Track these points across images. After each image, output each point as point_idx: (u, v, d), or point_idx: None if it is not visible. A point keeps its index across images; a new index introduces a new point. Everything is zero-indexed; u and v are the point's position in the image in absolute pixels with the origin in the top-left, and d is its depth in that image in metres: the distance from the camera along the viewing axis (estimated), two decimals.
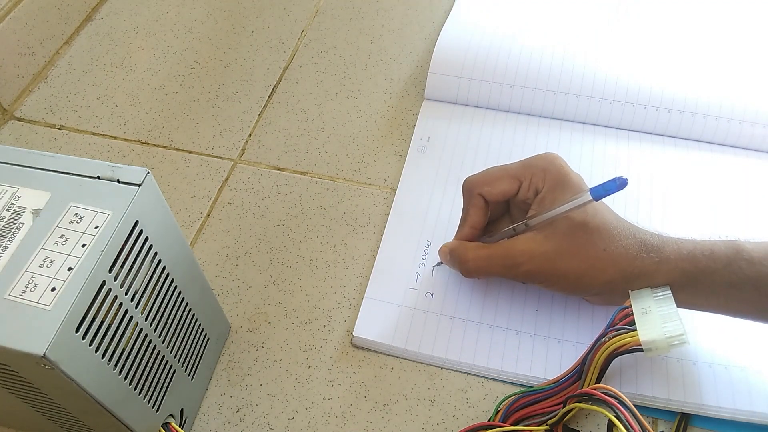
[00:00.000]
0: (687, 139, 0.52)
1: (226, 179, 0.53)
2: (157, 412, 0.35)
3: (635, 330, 0.36)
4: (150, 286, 0.32)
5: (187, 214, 0.50)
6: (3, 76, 0.57)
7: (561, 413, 0.37)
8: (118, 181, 0.30)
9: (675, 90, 0.52)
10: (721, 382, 0.40)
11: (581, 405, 0.36)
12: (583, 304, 0.44)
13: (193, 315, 0.37)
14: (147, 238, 0.31)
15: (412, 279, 0.46)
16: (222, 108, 0.57)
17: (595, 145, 0.52)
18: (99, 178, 0.30)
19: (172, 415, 0.37)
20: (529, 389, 0.40)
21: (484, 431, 0.38)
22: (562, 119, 0.54)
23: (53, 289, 0.27)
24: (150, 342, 0.33)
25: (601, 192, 0.36)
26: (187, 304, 0.36)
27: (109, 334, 0.29)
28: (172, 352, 0.35)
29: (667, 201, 0.49)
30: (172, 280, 0.34)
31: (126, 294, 0.30)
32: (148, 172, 0.30)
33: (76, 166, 0.31)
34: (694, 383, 0.40)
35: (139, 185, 0.30)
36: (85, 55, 0.62)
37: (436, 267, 0.46)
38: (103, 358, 0.29)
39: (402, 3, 0.65)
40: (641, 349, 0.35)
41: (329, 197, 0.51)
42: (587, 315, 0.43)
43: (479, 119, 0.54)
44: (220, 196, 0.51)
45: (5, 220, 0.29)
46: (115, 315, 0.29)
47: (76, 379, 0.27)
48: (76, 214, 0.29)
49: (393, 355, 0.43)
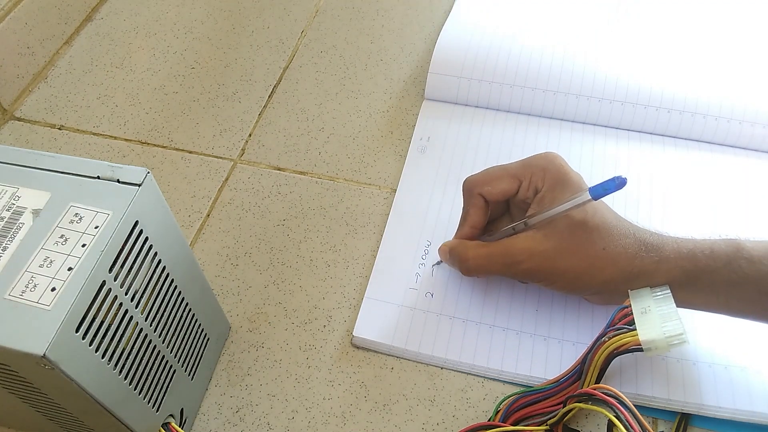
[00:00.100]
0: (687, 139, 0.52)
1: (226, 179, 0.53)
2: (157, 412, 0.35)
3: (635, 329, 0.36)
4: (150, 286, 0.32)
5: (187, 214, 0.50)
6: (3, 76, 0.57)
7: (561, 413, 0.37)
8: (118, 181, 0.30)
9: (675, 90, 0.52)
10: (721, 382, 0.40)
11: (581, 405, 0.36)
12: (583, 304, 0.44)
13: (193, 315, 0.37)
14: (147, 238, 0.31)
15: (412, 279, 0.46)
16: (222, 108, 0.57)
17: (595, 145, 0.52)
18: (99, 178, 0.31)
19: (172, 415, 0.37)
20: (529, 389, 0.40)
21: (484, 431, 0.38)
22: (562, 119, 0.54)
23: (53, 289, 0.27)
24: (150, 342, 0.33)
25: (600, 191, 0.36)
26: (187, 304, 0.36)
27: (109, 334, 0.29)
28: (172, 352, 0.35)
29: (667, 201, 0.49)
30: (172, 280, 0.34)
31: (126, 294, 0.30)
32: (148, 172, 0.30)
33: (76, 166, 0.31)
34: (694, 383, 0.40)
35: (139, 185, 0.30)
36: (85, 55, 0.62)
37: (436, 266, 0.46)
38: (103, 358, 0.29)
39: (402, 3, 0.65)
40: (641, 349, 0.35)
41: (329, 197, 0.51)
42: (587, 315, 0.43)
43: (479, 119, 0.54)
44: (220, 196, 0.51)
45: (5, 220, 0.29)
46: (115, 315, 0.29)
47: (76, 379, 0.27)
48: (76, 214, 0.29)
49: (393, 355, 0.43)
